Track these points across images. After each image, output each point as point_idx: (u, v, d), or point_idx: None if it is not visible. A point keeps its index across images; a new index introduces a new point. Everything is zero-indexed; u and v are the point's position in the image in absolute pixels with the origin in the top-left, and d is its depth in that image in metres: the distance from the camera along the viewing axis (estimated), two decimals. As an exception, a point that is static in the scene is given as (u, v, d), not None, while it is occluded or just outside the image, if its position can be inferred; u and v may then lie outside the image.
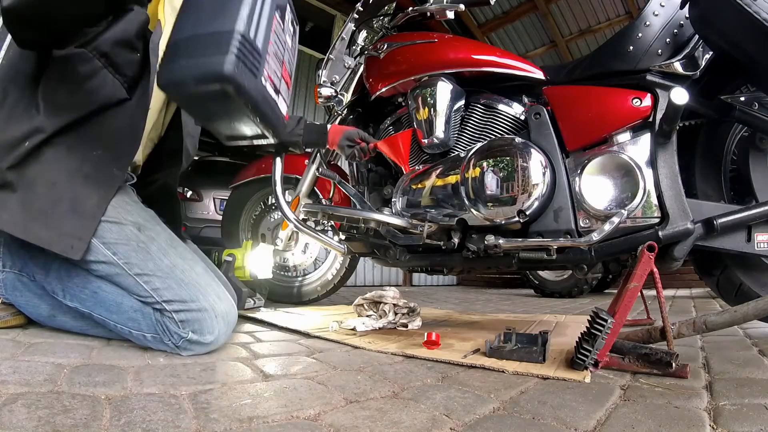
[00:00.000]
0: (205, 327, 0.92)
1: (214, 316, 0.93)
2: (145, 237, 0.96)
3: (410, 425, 0.57)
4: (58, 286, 0.95)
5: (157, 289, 0.91)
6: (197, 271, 0.98)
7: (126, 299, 0.93)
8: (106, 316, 0.93)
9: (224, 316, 0.95)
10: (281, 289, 2.16)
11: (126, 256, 0.92)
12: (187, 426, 0.53)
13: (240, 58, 0.65)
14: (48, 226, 0.87)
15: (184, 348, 0.91)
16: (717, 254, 1.11)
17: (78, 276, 0.94)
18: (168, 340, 0.91)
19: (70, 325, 0.99)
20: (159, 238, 0.98)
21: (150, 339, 0.92)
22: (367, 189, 1.56)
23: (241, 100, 0.67)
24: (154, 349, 0.94)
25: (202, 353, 0.93)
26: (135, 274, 0.91)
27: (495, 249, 1.16)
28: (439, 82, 1.31)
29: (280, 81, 0.81)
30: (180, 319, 0.90)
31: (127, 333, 0.93)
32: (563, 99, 1.19)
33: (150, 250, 0.94)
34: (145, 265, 0.92)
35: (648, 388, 0.75)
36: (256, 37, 0.68)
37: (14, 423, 0.50)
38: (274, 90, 0.77)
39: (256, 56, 0.69)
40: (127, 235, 0.94)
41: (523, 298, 3.36)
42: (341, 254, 1.61)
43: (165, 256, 0.95)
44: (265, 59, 0.72)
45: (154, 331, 0.91)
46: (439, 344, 1.07)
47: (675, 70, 1.06)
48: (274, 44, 0.76)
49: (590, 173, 1.10)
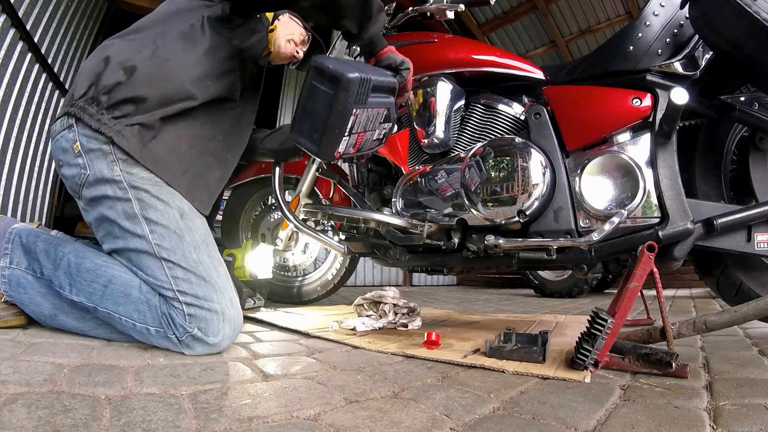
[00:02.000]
0: (212, 327, 0.92)
1: (222, 319, 0.94)
2: (183, 225, 0.97)
3: (410, 425, 0.57)
4: (66, 279, 0.95)
5: (177, 279, 0.93)
6: (219, 272, 0.99)
7: (134, 291, 0.93)
8: (113, 309, 0.93)
9: (232, 321, 0.96)
10: (281, 289, 2.16)
11: (160, 237, 0.94)
12: (187, 426, 0.53)
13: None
14: (183, 176, 1.02)
15: (186, 345, 0.91)
16: (717, 254, 1.11)
17: (88, 271, 0.95)
18: (172, 335, 0.91)
19: (71, 325, 0.99)
20: (195, 231, 0.99)
21: (153, 333, 0.92)
22: (367, 189, 1.56)
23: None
24: (156, 345, 0.94)
25: (203, 354, 0.93)
26: (161, 258, 0.93)
27: (495, 249, 1.16)
28: (439, 82, 1.31)
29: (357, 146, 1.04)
30: (189, 313, 0.91)
31: (131, 327, 0.93)
32: (563, 99, 1.19)
33: (183, 240, 0.96)
34: (174, 253, 0.94)
35: (648, 388, 0.75)
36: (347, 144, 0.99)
37: (14, 423, 0.50)
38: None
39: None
40: (169, 218, 0.96)
41: (523, 298, 3.36)
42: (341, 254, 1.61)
43: (195, 250, 0.96)
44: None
45: (159, 324, 0.92)
46: (439, 344, 1.07)
47: (675, 70, 1.06)
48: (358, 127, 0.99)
49: (590, 173, 1.10)
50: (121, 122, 0.96)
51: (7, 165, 2.34)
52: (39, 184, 2.81)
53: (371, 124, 1.01)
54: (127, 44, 1.02)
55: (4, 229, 1.04)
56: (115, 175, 0.95)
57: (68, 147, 0.98)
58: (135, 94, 0.96)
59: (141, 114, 0.97)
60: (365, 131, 1.01)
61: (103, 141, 0.96)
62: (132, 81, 0.97)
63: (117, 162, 0.95)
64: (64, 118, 1.00)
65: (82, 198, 1.00)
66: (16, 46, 2.29)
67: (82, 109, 0.97)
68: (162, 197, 0.97)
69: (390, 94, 1.05)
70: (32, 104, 2.56)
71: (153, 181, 0.97)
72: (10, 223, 1.07)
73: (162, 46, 1.02)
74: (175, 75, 1.01)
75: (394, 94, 1.07)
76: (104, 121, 0.95)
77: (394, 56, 1.09)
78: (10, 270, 0.99)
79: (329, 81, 0.92)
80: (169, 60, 1.01)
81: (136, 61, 0.98)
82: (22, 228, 1.05)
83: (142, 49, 1.00)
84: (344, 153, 0.98)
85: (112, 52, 0.99)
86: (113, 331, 0.97)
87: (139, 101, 0.97)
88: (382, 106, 1.02)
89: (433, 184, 1.31)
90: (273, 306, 1.97)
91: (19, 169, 2.48)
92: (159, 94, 0.99)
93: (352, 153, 1.02)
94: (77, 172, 0.97)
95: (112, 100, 0.96)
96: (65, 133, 0.99)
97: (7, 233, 1.03)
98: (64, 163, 1.00)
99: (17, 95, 2.37)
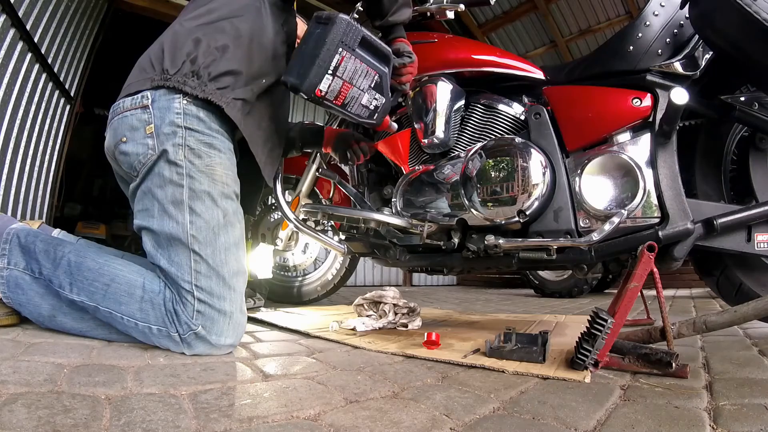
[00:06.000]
0: (217, 327, 0.93)
1: (229, 321, 0.95)
2: (222, 225, 0.99)
3: (410, 425, 0.57)
4: (66, 279, 0.95)
5: (199, 273, 0.94)
6: (239, 279, 1.00)
7: (138, 290, 0.94)
8: (115, 308, 0.93)
9: (237, 327, 0.97)
10: (281, 289, 2.16)
11: (198, 230, 0.95)
12: (187, 426, 0.53)
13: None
14: (263, 148, 1.11)
15: (188, 343, 0.92)
16: (717, 254, 1.11)
17: (90, 270, 0.95)
18: (174, 332, 0.91)
19: (69, 326, 0.99)
20: (231, 234, 1.00)
21: (155, 332, 0.92)
22: (367, 189, 1.56)
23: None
24: (157, 345, 0.94)
25: (203, 354, 0.93)
26: (192, 249, 0.94)
27: (495, 249, 1.16)
28: (439, 82, 1.31)
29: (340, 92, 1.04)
30: (198, 309, 0.92)
31: (133, 326, 0.93)
32: (563, 99, 1.19)
33: (218, 239, 0.97)
34: (205, 249, 0.95)
35: (648, 388, 0.75)
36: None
37: (14, 423, 0.50)
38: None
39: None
40: (212, 214, 0.98)
41: (523, 298, 3.36)
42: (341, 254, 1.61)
43: (225, 251, 0.98)
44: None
45: (162, 323, 0.92)
46: (439, 344, 1.07)
47: (675, 70, 1.06)
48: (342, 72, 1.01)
49: (590, 173, 1.10)
50: (225, 94, 1.01)
51: (7, 165, 2.34)
52: (39, 184, 2.81)
53: (358, 80, 1.03)
54: (207, 27, 1.06)
55: (2, 229, 1.03)
56: (179, 159, 0.97)
57: (139, 126, 0.99)
58: (232, 68, 1.02)
59: (240, 87, 1.03)
60: (351, 84, 1.02)
61: (203, 109, 1.00)
62: (226, 58, 1.02)
63: (184, 148, 0.98)
64: (144, 92, 1.00)
65: (138, 174, 1.01)
66: (16, 46, 2.29)
67: (182, 82, 0.99)
68: (213, 194, 0.99)
69: (383, 63, 1.08)
70: (32, 104, 2.55)
71: (211, 177, 0.99)
72: (8, 223, 1.07)
73: (241, 27, 1.07)
74: (257, 54, 1.08)
75: (387, 65, 1.09)
76: (209, 92, 0.99)
77: (404, 45, 1.18)
78: (8, 271, 0.99)
79: (323, 23, 1.00)
80: (252, 40, 1.07)
81: (225, 41, 1.03)
82: (20, 228, 1.05)
83: (225, 30, 1.05)
84: (326, 95, 1.00)
85: (200, 35, 1.03)
86: (113, 331, 0.97)
87: (236, 74, 1.03)
88: (372, 67, 1.05)
89: (433, 184, 1.31)
90: (273, 306, 1.97)
91: (19, 169, 2.48)
92: (251, 70, 1.06)
93: (335, 104, 1.03)
94: (144, 151, 0.98)
95: (213, 74, 1.00)
96: (138, 113, 1.00)
97: (5, 233, 1.02)
98: (129, 140, 1.00)
99: (17, 95, 2.36)
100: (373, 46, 1.05)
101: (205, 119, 1.01)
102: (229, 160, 1.05)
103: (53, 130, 2.94)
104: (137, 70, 1.06)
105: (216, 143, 1.02)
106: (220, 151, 1.03)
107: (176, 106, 0.99)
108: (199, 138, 1.00)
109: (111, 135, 1.04)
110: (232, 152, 1.08)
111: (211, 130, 1.02)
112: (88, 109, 3.95)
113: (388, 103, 1.13)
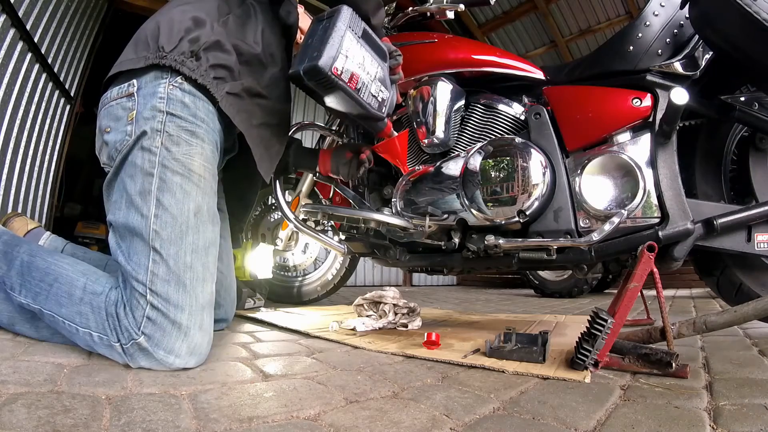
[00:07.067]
0: (166, 342, 0.80)
1: (183, 337, 0.81)
2: (193, 223, 0.88)
3: (410, 425, 0.57)
4: (18, 280, 0.87)
5: (156, 276, 0.82)
6: (205, 288, 0.88)
7: (77, 291, 0.84)
8: (56, 311, 0.84)
9: (192, 345, 0.82)
10: (281, 289, 2.16)
11: (162, 225, 0.85)
12: (187, 426, 0.53)
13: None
14: (263, 141, 1.06)
15: (131, 355, 0.80)
16: (717, 254, 1.11)
17: (38, 269, 0.87)
18: (116, 342, 0.80)
19: (30, 333, 0.92)
20: (202, 235, 0.89)
21: (96, 340, 0.81)
22: (367, 189, 1.56)
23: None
24: (103, 355, 0.83)
25: (146, 367, 0.80)
26: (152, 247, 0.83)
27: (495, 249, 1.16)
28: (439, 82, 1.31)
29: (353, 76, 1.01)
30: (148, 315, 0.80)
31: (74, 332, 0.83)
32: (563, 99, 1.19)
33: (184, 239, 0.86)
34: (168, 248, 0.84)
35: (648, 388, 0.75)
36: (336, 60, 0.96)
37: (14, 423, 0.50)
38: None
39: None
40: (182, 209, 0.87)
41: (523, 298, 3.36)
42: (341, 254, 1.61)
43: (192, 254, 0.86)
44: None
45: (103, 329, 0.81)
46: (439, 344, 1.07)
47: (675, 70, 1.06)
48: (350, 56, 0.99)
49: (590, 173, 1.10)
50: (220, 86, 0.96)
51: (7, 165, 2.34)
52: (39, 184, 2.81)
53: (367, 67, 1.02)
54: (205, 9, 1.01)
55: None
56: (154, 146, 0.88)
57: (122, 116, 0.92)
58: (227, 63, 0.98)
59: (232, 81, 0.99)
60: (361, 69, 1.00)
61: (190, 95, 0.93)
62: (223, 45, 0.98)
63: (162, 134, 0.89)
64: (132, 81, 0.93)
65: (113, 165, 0.93)
66: (16, 46, 2.29)
67: (180, 61, 0.92)
68: (186, 188, 0.89)
69: (382, 59, 1.07)
70: (32, 104, 2.55)
71: (187, 168, 0.90)
72: None
73: (234, 16, 1.04)
74: (252, 47, 1.04)
75: (385, 60, 1.09)
76: (208, 81, 0.94)
77: (388, 44, 1.15)
78: None
79: (327, 18, 0.99)
80: (246, 34, 1.05)
81: (220, 24, 1.00)
82: None
83: (219, 17, 1.01)
84: (342, 75, 0.95)
85: (200, 14, 0.98)
86: (67, 340, 0.87)
87: (230, 70, 0.99)
88: (374, 59, 1.04)
89: (433, 185, 1.31)
90: (273, 306, 1.97)
91: (19, 169, 2.48)
92: (242, 62, 1.02)
93: (350, 87, 0.98)
94: (121, 138, 0.91)
95: (211, 61, 0.95)
96: (123, 101, 0.93)
97: None
98: (112, 130, 0.93)
99: (17, 95, 2.36)
100: (373, 40, 1.05)
101: (191, 105, 0.92)
102: (211, 152, 0.96)
103: (53, 130, 2.94)
104: (131, 47, 0.98)
105: (200, 132, 0.93)
106: (203, 141, 0.93)
107: (161, 91, 0.91)
108: (180, 124, 0.91)
109: (97, 128, 0.97)
110: (217, 146, 0.99)
111: (195, 117, 0.93)
112: (88, 109, 3.94)
113: (393, 99, 1.12)
